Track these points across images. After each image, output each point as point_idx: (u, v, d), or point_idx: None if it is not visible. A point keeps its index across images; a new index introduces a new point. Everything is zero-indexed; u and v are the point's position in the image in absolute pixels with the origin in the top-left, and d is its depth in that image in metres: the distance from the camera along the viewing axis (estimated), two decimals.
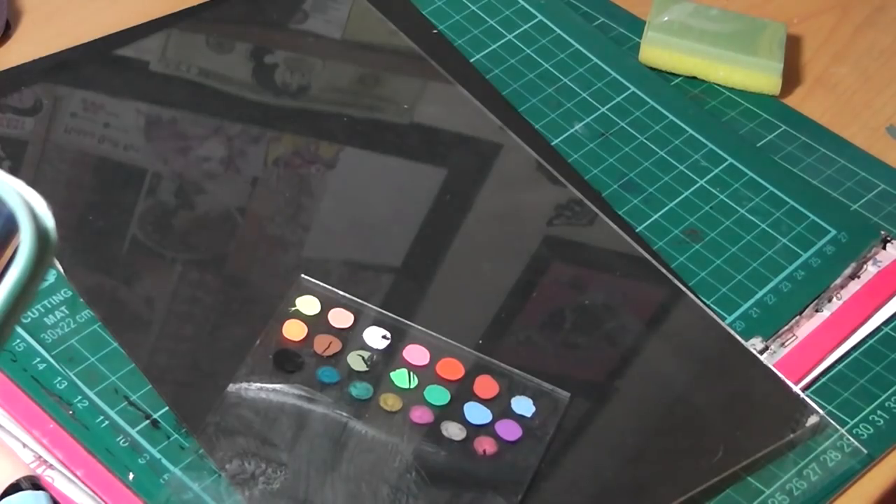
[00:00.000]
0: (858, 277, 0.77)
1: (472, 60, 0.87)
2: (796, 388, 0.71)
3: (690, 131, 0.84)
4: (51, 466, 0.65)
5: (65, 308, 0.70)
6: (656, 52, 0.87)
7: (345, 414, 0.66)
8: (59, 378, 0.67)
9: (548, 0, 0.91)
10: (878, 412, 0.71)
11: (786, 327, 0.74)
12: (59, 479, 0.64)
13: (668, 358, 0.72)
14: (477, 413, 0.67)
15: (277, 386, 0.67)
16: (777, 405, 0.70)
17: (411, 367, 0.68)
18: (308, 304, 0.70)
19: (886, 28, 0.92)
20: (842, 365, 0.73)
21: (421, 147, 0.81)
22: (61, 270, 0.72)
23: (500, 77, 0.86)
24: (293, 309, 0.70)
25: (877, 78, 0.89)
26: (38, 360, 0.68)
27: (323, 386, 0.67)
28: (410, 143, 0.81)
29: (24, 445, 0.65)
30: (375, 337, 0.69)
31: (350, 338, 0.69)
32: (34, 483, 0.63)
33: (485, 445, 0.66)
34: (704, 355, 0.73)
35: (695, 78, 0.87)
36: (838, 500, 0.68)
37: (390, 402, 0.67)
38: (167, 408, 0.67)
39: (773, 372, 0.71)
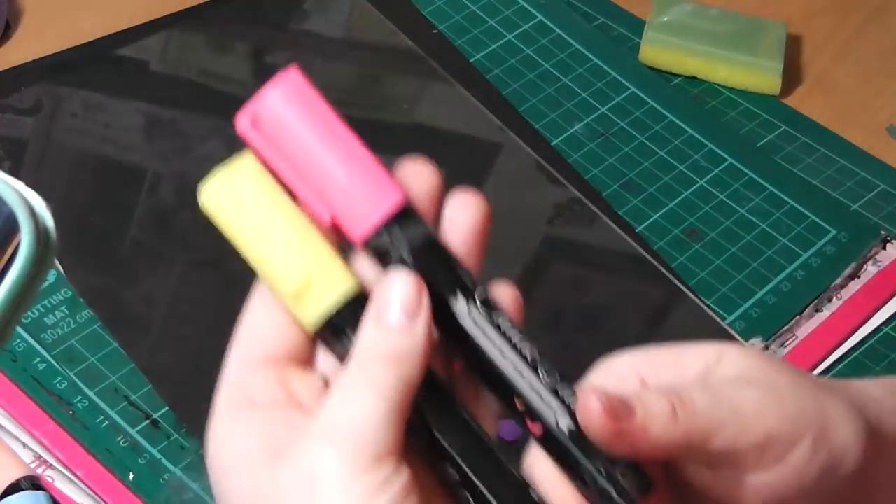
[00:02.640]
0: (858, 277, 0.77)
1: (472, 60, 0.87)
2: None
3: (690, 131, 0.84)
4: (51, 466, 0.65)
5: (65, 308, 0.70)
6: (656, 52, 0.87)
7: None
8: (59, 378, 0.67)
9: (548, 0, 0.91)
10: None
11: (786, 327, 0.74)
12: (59, 479, 0.64)
13: None
14: None
15: None
16: None
17: None
18: None
19: (886, 28, 0.92)
20: (842, 365, 0.73)
21: (421, 147, 0.81)
22: (61, 270, 0.71)
23: (500, 77, 0.86)
24: None
25: (877, 78, 0.89)
26: (38, 360, 0.68)
27: None
28: (410, 143, 0.81)
29: (24, 445, 0.65)
30: None
31: None
32: (34, 483, 0.63)
33: None
34: None
35: (695, 78, 0.87)
36: None
37: None
38: (167, 408, 0.67)
39: None
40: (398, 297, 0.42)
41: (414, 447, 0.41)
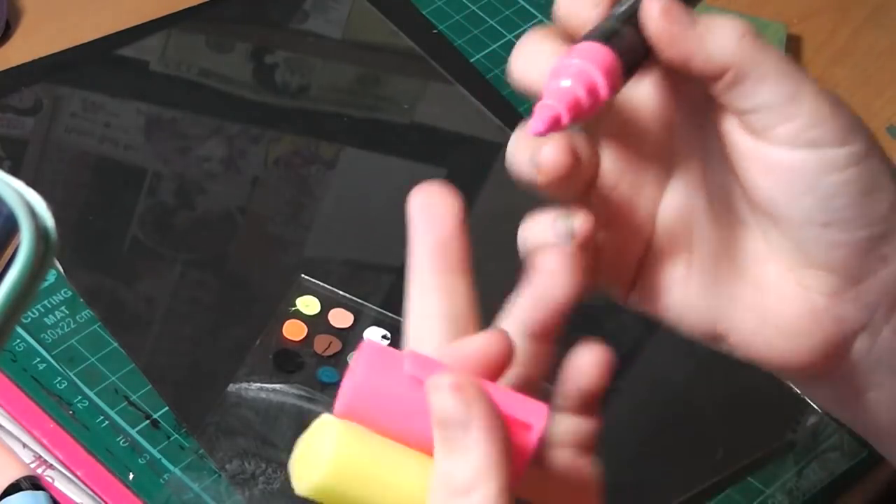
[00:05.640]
0: None
1: (472, 60, 0.87)
2: (796, 388, 0.71)
3: None
4: (51, 466, 0.65)
5: (65, 308, 0.70)
6: None
7: None
8: (59, 378, 0.67)
9: (548, 0, 0.91)
10: None
11: None
12: (59, 479, 0.64)
13: (668, 358, 0.72)
14: None
15: (277, 386, 0.67)
16: (777, 405, 0.70)
17: None
18: (308, 304, 0.70)
19: (886, 28, 0.92)
20: None
21: (421, 147, 0.81)
22: (61, 270, 0.72)
23: (500, 77, 0.86)
24: (293, 309, 0.70)
25: (877, 78, 0.89)
26: (38, 360, 0.68)
27: (323, 386, 0.67)
28: (410, 143, 0.81)
29: (24, 445, 0.65)
30: (375, 337, 0.69)
31: (350, 338, 0.69)
32: (34, 483, 0.63)
33: None
34: (704, 355, 0.73)
35: None
36: (838, 501, 0.68)
37: None
38: (167, 408, 0.67)
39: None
40: None
41: None
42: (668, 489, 0.66)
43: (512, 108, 0.84)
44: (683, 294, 0.50)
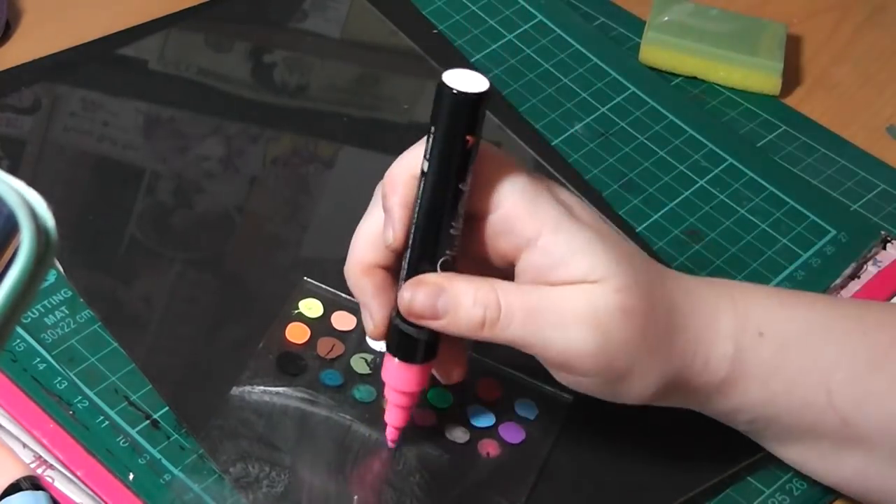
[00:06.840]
0: (858, 277, 0.77)
1: (472, 60, 0.87)
2: None
3: (690, 131, 0.84)
4: (51, 466, 0.65)
5: (65, 308, 0.70)
6: (656, 52, 0.87)
7: (348, 417, 0.66)
8: (59, 378, 0.67)
9: (548, 0, 0.91)
10: None
11: None
12: (59, 479, 0.64)
13: None
14: (480, 416, 0.67)
15: (280, 389, 0.67)
16: None
17: None
18: (311, 307, 0.70)
19: (886, 28, 0.92)
20: None
21: None
22: (61, 270, 0.71)
23: (500, 77, 0.86)
24: (296, 312, 0.70)
25: (877, 78, 0.89)
26: (38, 360, 0.68)
27: (326, 389, 0.67)
28: (410, 143, 0.81)
29: (24, 445, 0.65)
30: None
31: (353, 340, 0.69)
32: (34, 483, 0.63)
33: (488, 448, 0.66)
34: None
35: (695, 78, 0.87)
36: (838, 501, 0.68)
37: None
38: (167, 408, 0.67)
39: None
40: None
41: None
42: (668, 489, 0.66)
43: (512, 107, 0.84)
44: None
